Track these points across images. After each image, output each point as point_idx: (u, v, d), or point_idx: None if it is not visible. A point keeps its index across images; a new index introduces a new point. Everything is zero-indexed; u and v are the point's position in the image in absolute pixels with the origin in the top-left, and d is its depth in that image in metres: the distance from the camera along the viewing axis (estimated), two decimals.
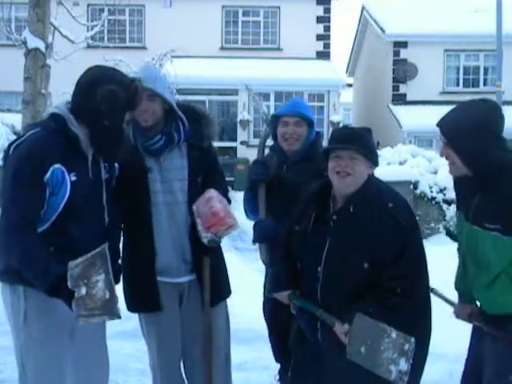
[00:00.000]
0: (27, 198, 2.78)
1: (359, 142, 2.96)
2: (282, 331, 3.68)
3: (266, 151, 4.02)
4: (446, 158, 2.88)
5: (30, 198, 2.79)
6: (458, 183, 3.03)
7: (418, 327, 2.91)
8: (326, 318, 2.93)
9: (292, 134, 3.77)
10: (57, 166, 2.83)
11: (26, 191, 2.78)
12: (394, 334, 2.65)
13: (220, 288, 3.48)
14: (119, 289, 3.13)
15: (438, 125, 2.88)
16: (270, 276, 3.34)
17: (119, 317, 2.64)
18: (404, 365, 2.61)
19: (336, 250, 2.94)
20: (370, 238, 2.86)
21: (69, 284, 2.65)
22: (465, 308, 3.10)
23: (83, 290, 2.62)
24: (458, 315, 3.17)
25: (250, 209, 3.89)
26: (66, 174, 2.85)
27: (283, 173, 3.75)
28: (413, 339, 2.63)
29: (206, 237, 3.23)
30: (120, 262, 3.25)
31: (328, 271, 2.95)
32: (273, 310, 3.78)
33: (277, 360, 4.08)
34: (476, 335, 3.06)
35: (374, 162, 3.02)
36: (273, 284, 3.25)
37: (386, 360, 2.64)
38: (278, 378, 4.13)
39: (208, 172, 3.39)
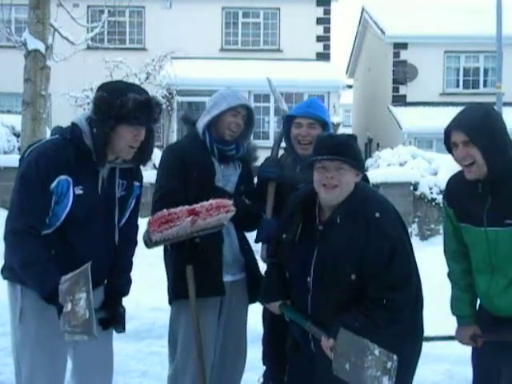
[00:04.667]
0: (32, 206, 2.81)
1: (345, 151, 2.87)
2: (278, 337, 3.65)
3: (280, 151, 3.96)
4: (463, 161, 2.85)
5: (35, 206, 2.81)
6: (463, 193, 2.97)
7: (406, 340, 2.89)
8: (313, 331, 2.90)
9: (305, 136, 3.69)
10: (63, 177, 2.83)
11: (31, 199, 2.81)
12: (376, 352, 2.61)
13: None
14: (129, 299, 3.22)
15: (455, 126, 2.86)
16: (262, 286, 3.30)
17: (95, 337, 2.65)
18: (387, 383, 2.57)
19: (324, 260, 2.89)
20: (356, 249, 2.81)
21: (59, 298, 2.70)
22: (467, 330, 3.06)
23: (69, 306, 2.66)
24: (462, 341, 3.12)
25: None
26: (72, 186, 2.85)
27: (296, 174, 3.66)
28: (395, 357, 2.57)
29: (144, 236, 3.21)
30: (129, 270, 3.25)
31: (317, 282, 2.91)
32: (273, 316, 3.74)
33: (264, 363, 4.05)
34: (485, 353, 3.00)
35: (360, 169, 2.96)
36: (264, 295, 3.23)
37: (369, 378, 2.61)
38: (261, 380, 4.10)
39: (247, 184, 3.70)
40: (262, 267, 3.94)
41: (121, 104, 2.81)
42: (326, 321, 2.85)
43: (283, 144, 3.90)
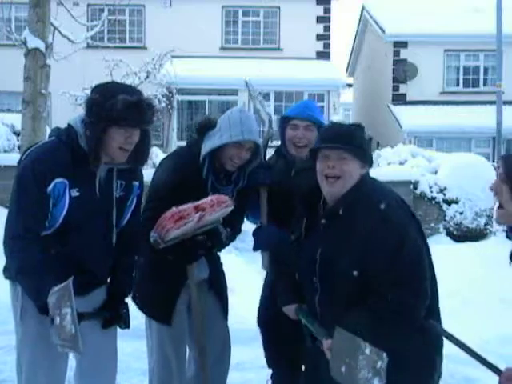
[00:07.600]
0: (31, 209, 2.81)
1: (348, 140, 2.72)
2: (278, 338, 3.64)
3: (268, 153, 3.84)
4: (496, 194, 2.45)
5: (34, 209, 2.81)
6: None
7: (413, 341, 2.68)
8: (317, 334, 2.77)
9: (301, 138, 3.60)
10: (59, 180, 2.82)
11: (30, 203, 2.80)
12: (367, 350, 2.45)
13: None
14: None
15: (503, 159, 2.44)
16: (278, 290, 3.16)
17: (80, 353, 2.68)
18: None
19: (327, 257, 2.73)
20: (360, 243, 2.64)
21: (49, 311, 2.69)
22: None
23: (58, 320, 2.66)
24: None
25: (250, 211, 3.72)
26: (68, 188, 2.84)
27: (291, 178, 3.57)
28: (385, 354, 2.39)
29: (152, 236, 3.14)
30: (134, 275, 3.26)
31: (323, 281, 2.75)
32: (269, 318, 3.69)
33: (269, 365, 3.98)
34: None
35: (366, 161, 2.79)
36: (280, 298, 3.08)
37: (362, 380, 2.47)
38: (270, 383, 4.06)
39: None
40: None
41: (111, 106, 2.77)
42: (335, 322, 2.63)
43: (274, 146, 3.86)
